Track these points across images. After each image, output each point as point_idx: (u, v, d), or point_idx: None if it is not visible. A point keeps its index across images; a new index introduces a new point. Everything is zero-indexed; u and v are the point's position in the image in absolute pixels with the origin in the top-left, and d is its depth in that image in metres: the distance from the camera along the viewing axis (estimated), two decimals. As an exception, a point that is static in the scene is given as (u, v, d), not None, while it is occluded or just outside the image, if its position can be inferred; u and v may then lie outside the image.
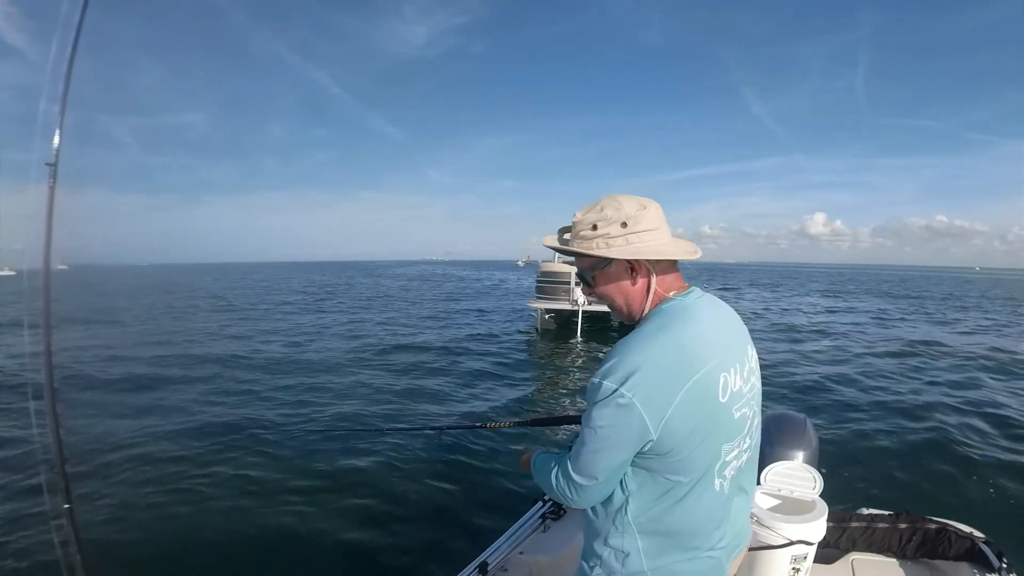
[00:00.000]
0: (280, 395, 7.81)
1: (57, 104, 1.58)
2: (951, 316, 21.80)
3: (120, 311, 20.53)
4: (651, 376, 0.95)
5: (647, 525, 1.06)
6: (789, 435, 2.19)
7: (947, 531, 2.19)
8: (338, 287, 38.79)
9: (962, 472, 5.18)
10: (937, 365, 10.73)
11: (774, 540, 1.75)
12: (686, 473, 1.02)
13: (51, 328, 1.63)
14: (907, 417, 7.06)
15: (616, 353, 1.00)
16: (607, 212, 1.07)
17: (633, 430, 0.96)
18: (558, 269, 14.28)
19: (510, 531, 2.26)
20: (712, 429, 1.02)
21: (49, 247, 1.57)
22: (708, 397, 1.00)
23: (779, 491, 1.93)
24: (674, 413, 0.96)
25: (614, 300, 1.14)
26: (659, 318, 1.05)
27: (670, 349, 0.99)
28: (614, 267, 1.10)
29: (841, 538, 2.25)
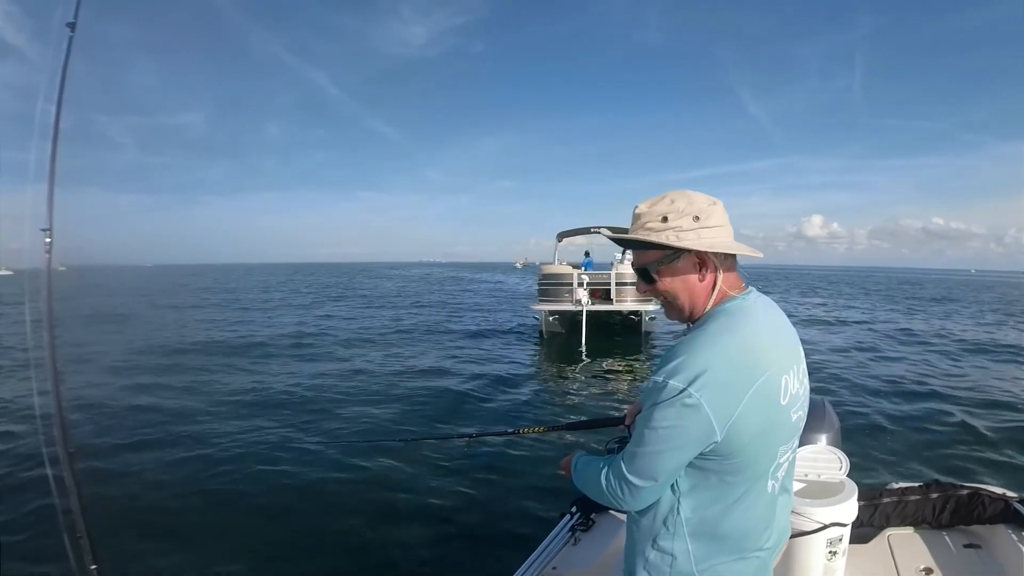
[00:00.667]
0: (291, 404, 7.77)
1: (53, 105, 1.60)
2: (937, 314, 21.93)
3: (130, 311, 20.65)
4: (719, 377, 0.93)
5: (699, 527, 1.04)
6: (810, 419, 2.17)
7: (979, 495, 2.18)
8: (337, 289, 38.77)
9: (983, 437, 5.15)
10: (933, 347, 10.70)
11: (807, 526, 1.74)
12: (743, 475, 1.01)
13: (54, 329, 1.63)
14: (921, 391, 7.04)
15: (681, 352, 0.98)
16: (678, 204, 1.04)
17: (699, 431, 0.94)
18: (559, 271, 14.26)
19: (541, 547, 2.23)
20: (773, 432, 1.01)
21: (50, 250, 1.57)
22: (772, 400, 0.99)
23: (806, 476, 1.91)
24: (740, 416, 0.94)
25: (677, 296, 1.09)
26: (723, 318, 1.02)
27: (736, 351, 0.97)
28: (683, 261, 1.06)
29: (874, 515, 2.23)
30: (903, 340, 12.18)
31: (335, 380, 9.31)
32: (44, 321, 1.62)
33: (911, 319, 18.85)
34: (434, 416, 7.22)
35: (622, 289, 13.59)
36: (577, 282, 13.35)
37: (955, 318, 20.69)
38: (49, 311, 1.62)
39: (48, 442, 1.66)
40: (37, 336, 1.62)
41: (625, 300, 13.59)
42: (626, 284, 13.61)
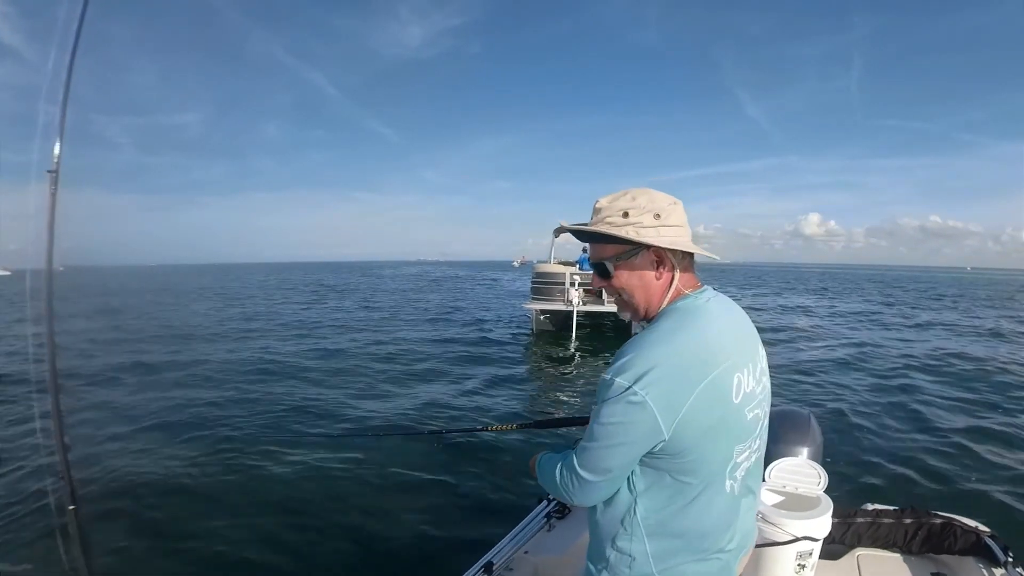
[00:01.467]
0: (275, 400, 7.79)
1: (56, 106, 1.58)
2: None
3: (130, 308, 20.71)
4: (665, 375, 0.93)
5: (656, 527, 1.04)
6: (793, 431, 2.19)
7: (952, 525, 2.19)
8: (334, 287, 38.89)
9: (964, 467, 5.18)
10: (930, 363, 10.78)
11: (779, 537, 1.75)
12: (697, 474, 1.01)
13: (53, 332, 1.64)
14: (910, 413, 7.07)
15: (630, 350, 0.98)
16: (640, 201, 1.04)
17: (644, 428, 0.95)
18: (553, 270, 14.26)
19: (515, 531, 2.25)
20: (725, 431, 1.01)
21: (50, 253, 1.57)
22: (722, 398, 0.99)
23: (784, 487, 1.92)
24: (687, 414, 0.94)
25: (633, 293, 1.09)
26: (675, 316, 1.03)
27: (685, 348, 0.97)
28: (640, 258, 1.07)
29: (846, 534, 2.24)
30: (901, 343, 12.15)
31: (321, 375, 9.36)
32: (43, 314, 1.61)
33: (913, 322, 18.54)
34: (415, 411, 7.25)
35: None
36: (569, 282, 13.35)
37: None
38: (49, 307, 1.61)
39: (45, 437, 1.66)
40: (36, 331, 1.62)
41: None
42: None
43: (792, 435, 2.16)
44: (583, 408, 7.75)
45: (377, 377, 9.28)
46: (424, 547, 3.74)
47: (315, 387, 8.55)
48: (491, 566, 1.99)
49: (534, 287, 14.48)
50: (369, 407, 7.40)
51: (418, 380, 9.14)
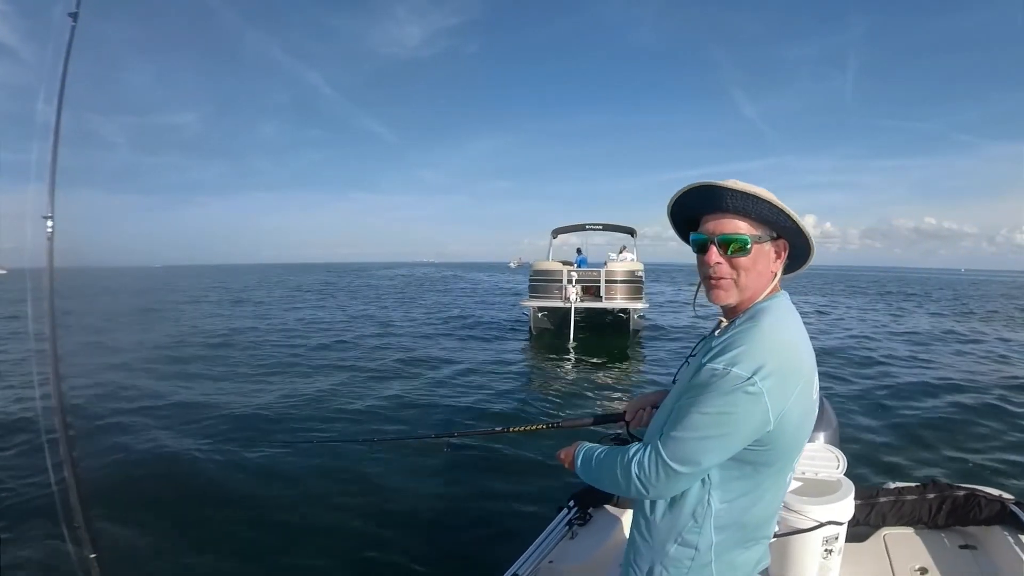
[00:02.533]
0: (278, 404, 7.73)
1: (55, 94, 1.59)
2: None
3: (131, 308, 20.66)
4: (778, 369, 0.97)
5: (727, 519, 1.07)
6: None
7: (976, 496, 2.18)
8: (329, 287, 38.80)
9: (984, 437, 5.16)
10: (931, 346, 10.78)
11: (804, 524, 1.74)
12: (776, 465, 1.05)
13: (56, 333, 1.63)
14: (922, 390, 7.05)
15: (741, 342, 1.00)
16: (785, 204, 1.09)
17: (756, 420, 0.97)
18: (550, 267, 14.22)
19: (537, 540, 2.24)
20: (807, 426, 1.06)
21: (51, 238, 1.57)
22: (810, 395, 1.05)
23: (803, 474, 1.92)
24: (790, 407, 0.99)
25: (747, 276, 1.08)
26: (773, 313, 1.06)
27: (792, 345, 1.03)
28: (769, 246, 1.09)
29: (871, 514, 2.23)
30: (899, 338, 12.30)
31: (322, 377, 9.28)
32: (45, 312, 1.62)
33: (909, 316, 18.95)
34: (418, 413, 7.21)
35: (612, 287, 13.58)
36: (567, 279, 13.33)
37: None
38: (51, 302, 1.61)
39: (48, 430, 1.66)
40: (39, 328, 1.62)
41: (615, 298, 13.58)
42: (616, 282, 13.63)
43: None
44: (590, 405, 7.73)
45: (375, 378, 9.21)
46: (448, 558, 3.71)
47: (311, 388, 8.47)
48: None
49: (532, 284, 14.45)
50: (369, 413, 7.31)
51: (415, 380, 9.09)
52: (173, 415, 7.00)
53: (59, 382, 1.67)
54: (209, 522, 4.22)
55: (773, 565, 1.89)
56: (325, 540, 3.96)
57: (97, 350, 11.35)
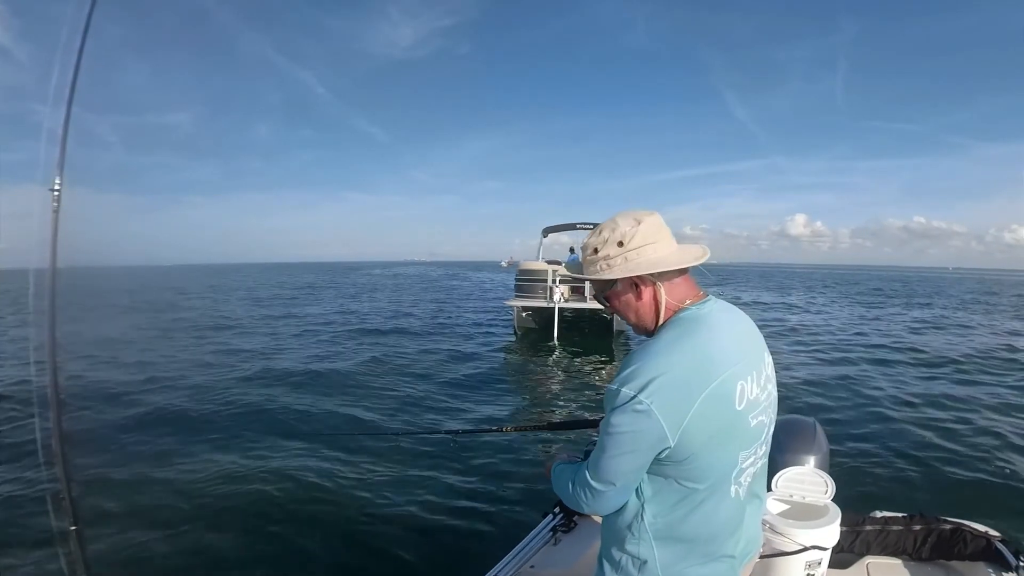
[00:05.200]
0: (275, 401, 7.77)
1: (60, 109, 1.59)
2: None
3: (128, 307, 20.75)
4: (669, 384, 0.97)
5: (664, 532, 1.07)
6: (799, 440, 2.18)
7: (962, 531, 2.17)
8: (324, 287, 39.03)
9: (974, 472, 5.15)
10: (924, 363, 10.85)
11: (788, 546, 1.74)
12: (703, 480, 1.04)
13: (55, 338, 1.63)
14: (914, 417, 7.04)
15: (634, 360, 1.02)
16: (604, 234, 1.11)
17: (651, 436, 0.98)
18: (536, 267, 14.29)
19: (520, 545, 2.23)
20: (729, 437, 1.04)
21: (57, 210, 1.57)
22: (725, 405, 1.01)
23: (791, 497, 1.91)
24: (692, 421, 0.97)
25: (627, 316, 1.17)
26: (677, 327, 1.07)
27: (688, 357, 1.01)
28: (620, 286, 1.13)
29: (855, 542, 2.22)
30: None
31: (306, 377, 9.32)
32: (46, 298, 1.61)
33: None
34: (408, 412, 7.24)
35: None
36: (552, 279, 13.35)
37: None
38: (52, 289, 1.61)
39: (40, 401, 1.66)
40: (39, 318, 1.61)
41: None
42: None
43: (798, 444, 2.16)
44: (572, 406, 7.75)
45: (359, 380, 9.22)
46: (426, 561, 3.70)
47: (296, 392, 8.49)
48: None
49: (517, 284, 14.58)
50: (352, 411, 7.33)
51: (401, 379, 9.12)
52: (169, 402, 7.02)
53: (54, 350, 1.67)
54: (195, 509, 4.24)
55: (754, 585, 1.88)
56: (304, 539, 3.95)
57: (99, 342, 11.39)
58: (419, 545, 3.86)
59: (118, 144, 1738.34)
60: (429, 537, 3.97)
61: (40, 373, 1.66)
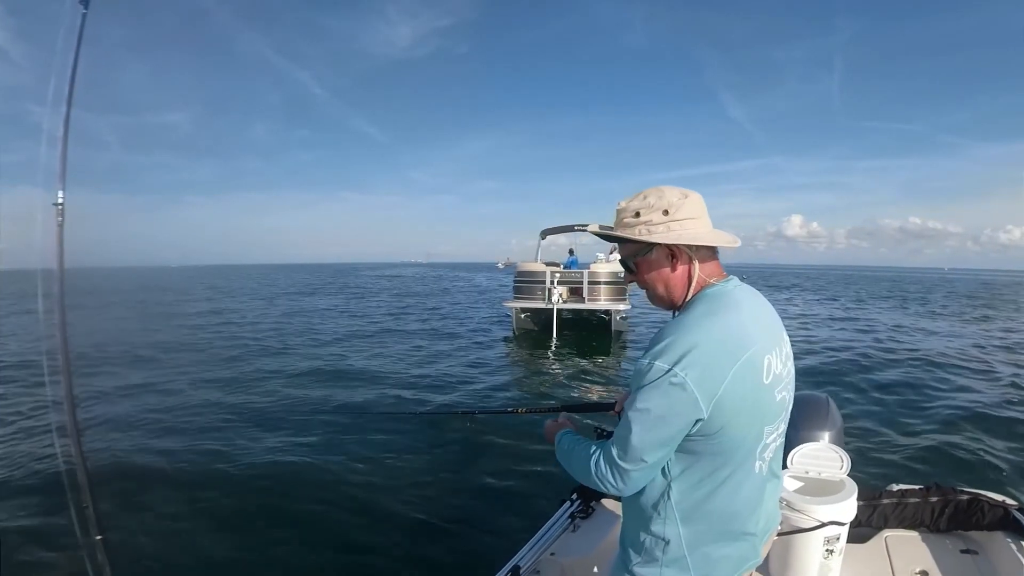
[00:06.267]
0: (281, 394, 7.84)
1: (60, 116, 1.60)
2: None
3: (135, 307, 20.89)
4: (703, 356, 0.97)
5: (689, 511, 1.07)
6: (812, 416, 2.18)
7: (979, 501, 2.18)
8: (319, 288, 39.22)
9: (990, 442, 5.14)
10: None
11: (805, 523, 1.74)
12: (731, 454, 1.04)
13: (67, 338, 1.65)
14: (925, 391, 7.02)
15: (667, 334, 1.02)
16: (650, 200, 1.10)
17: (685, 410, 0.97)
18: (534, 269, 14.24)
19: (540, 532, 2.25)
20: (757, 410, 1.04)
21: (62, 221, 1.58)
22: (755, 378, 1.02)
23: (807, 473, 1.92)
24: (724, 392, 0.97)
25: (655, 287, 1.15)
26: (705, 303, 1.07)
27: (719, 330, 1.01)
28: (655, 254, 1.12)
29: (873, 516, 2.23)
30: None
31: (310, 376, 9.32)
32: (55, 300, 1.62)
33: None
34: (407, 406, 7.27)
35: (595, 288, 13.62)
36: (550, 280, 13.33)
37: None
38: (61, 290, 1.62)
39: (58, 416, 1.68)
40: (49, 319, 1.63)
41: (598, 299, 13.61)
42: (599, 283, 13.67)
43: (812, 420, 2.16)
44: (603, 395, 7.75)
45: (355, 375, 9.27)
46: (449, 548, 3.73)
47: (294, 387, 8.55)
48: (518, 569, 1.98)
49: (516, 286, 14.51)
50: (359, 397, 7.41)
51: (396, 376, 9.14)
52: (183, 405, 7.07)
53: (67, 359, 1.68)
54: (212, 508, 4.25)
55: (774, 563, 1.89)
56: (324, 525, 3.99)
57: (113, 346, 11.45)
58: (435, 536, 3.89)
59: (116, 144, 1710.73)
60: (448, 527, 3.99)
61: (54, 382, 1.68)
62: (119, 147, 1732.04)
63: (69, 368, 1.67)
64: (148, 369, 9.46)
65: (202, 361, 10.44)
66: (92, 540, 1.70)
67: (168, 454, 5.43)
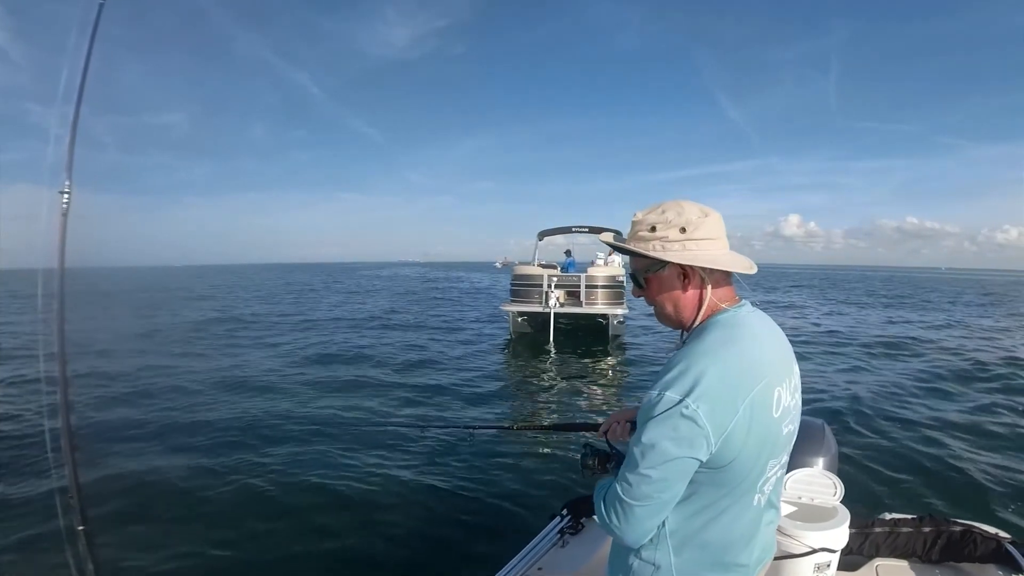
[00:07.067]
0: (269, 396, 7.88)
1: (79, 71, 1.60)
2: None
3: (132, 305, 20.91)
4: (714, 387, 0.93)
5: (683, 539, 1.04)
6: (807, 442, 2.16)
7: (972, 533, 2.16)
8: (318, 288, 39.24)
9: (983, 473, 5.11)
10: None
11: (797, 548, 1.73)
12: (732, 487, 1.01)
13: (65, 339, 1.64)
14: (921, 420, 7.00)
15: (677, 364, 0.98)
16: (668, 215, 1.05)
17: (694, 443, 0.93)
18: (531, 272, 14.21)
19: (528, 547, 2.23)
20: (765, 444, 1.00)
21: (66, 212, 1.57)
22: (765, 412, 0.99)
23: (800, 499, 1.90)
24: (735, 427, 0.94)
25: (664, 305, 1.11)
26: (717, 330, 1.02)
27: (732, 361, 0.97)
28: (667, 271, 1.07)
29: (864, 544, 2.21)
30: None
31: (301, 380, 9.32)
32: (55, 299, 1.62)
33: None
34: (401, 411, 7.26)
35: (592, 292, 13.60)
36: (547, 284, 13.31)
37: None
38: (61, 285, 1.61)
39: (50, 406, 1.67)
40: (48, 311, 1.62)
41: (595, 303, 13.60)
42: (596, 287, 13.65)
43: (807, 445, 2.14)
44: (569, 410, 7.71)
45: (350, 378, 9.26)
46: (434, 562, 3.70)
47: (292, 386, 8.57)
48: None
49: (513, 289, 14.51)
50: (351, 410, 7.35)
51: (390, 381, 9.12)
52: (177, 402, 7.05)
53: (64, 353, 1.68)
54: (201, 509, 4.25)
55: (763, 588, 1.87)
56: (309, 536, 3.96)
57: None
58: (426, 547, 3.86)
59: (115, 144, 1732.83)
60: (436, 539, 3.97)
61: (49, 374, 1.67)
62: (116, 147, 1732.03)
63: (65, 356, 1.67)
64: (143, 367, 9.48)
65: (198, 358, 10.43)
66: (75, 531, 1.69)
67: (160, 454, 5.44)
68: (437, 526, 4.08)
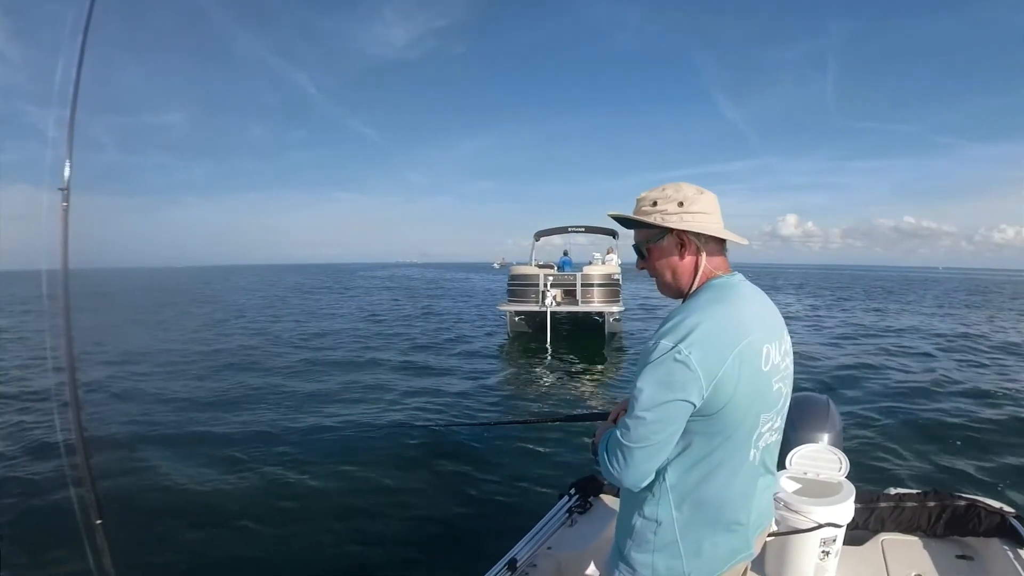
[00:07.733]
0: (273, 398, 7.86)
1: (74, 66, 1.60)
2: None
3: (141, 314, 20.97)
4: (706, 336, 1.01)
5: (683, 494, 1.10)
6: (812, 417, 2.18)
7: (976, 507, 2.18)
8: (317, 288, 39.32)
9: (987, 449, 5.13)
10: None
11: (802, 524, 1.75)
12: (727, 437, 1.07)
13: (72, 337, 1.65)
14: (926, 396, 7.02)
15: (673, 317, 1.08)
16: (668, 192, 1.17)
17: (687, 387, 1.00)
18: (528, 272, 14.27)
19: (537, 527, 2.26)
20: (754, 396, 1.07)
21: (66, 214, 1.58)
22: (753, 364, 1.06)
23: (805, 474, 1.92)
24: (724, 373, 1.01)
25: (664, 273, 1.21)
26: (710, 291, 1.13)
27: (723, 316, 1.06)
28: (666, 241, 1.18)
29: (870, 519, 2.23)
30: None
31: (292, 376, 9.40)
32: (60, 297, 1.62)
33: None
34: (401, 412, 7.27)
35: (588, 290, 13.66)
36: (543, 283, 13.35)
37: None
38: (65, 287, 1.62)
39: (60, 408, 1.68)
40: (54, 314, 1.62)
41: (591, 301, 13.65)
42: (592, 286, 13.71)
43: (811, 421, 2.16)
44: (568, 407, 7.73)
45: (343, 380, 9.22)
46: (445, 543, 3.75)
47: (293, 389, 8.57)
48: (515, 563, 1.99)
49: (510, 289, 14.54)
50: (351, 413, 7.39)
51: (392, 381, 9.13)
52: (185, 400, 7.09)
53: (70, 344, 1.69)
54: (217, 505, 4.30)
55: (770, 563, 1.90)
56: (323, 524, 4.02)
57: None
58: (433, 531, 3.91)
59: (115, 145, 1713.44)
60: (443, 523, 4.02)
61: (58, 370, 1.69)
62: (115, 147, 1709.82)
63: (72, 351, 1.68)
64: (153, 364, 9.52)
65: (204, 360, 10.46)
66: (92, 524, 1.71)
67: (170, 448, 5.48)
68: (442, 515, 4.13)
